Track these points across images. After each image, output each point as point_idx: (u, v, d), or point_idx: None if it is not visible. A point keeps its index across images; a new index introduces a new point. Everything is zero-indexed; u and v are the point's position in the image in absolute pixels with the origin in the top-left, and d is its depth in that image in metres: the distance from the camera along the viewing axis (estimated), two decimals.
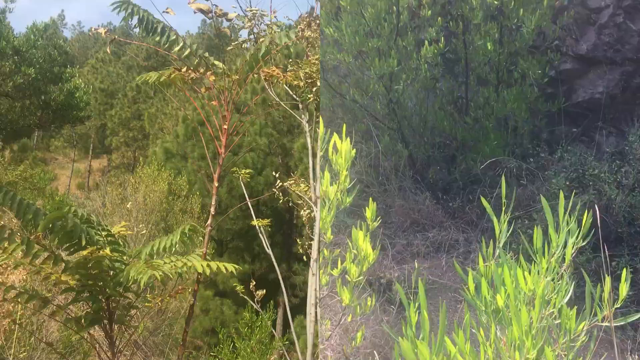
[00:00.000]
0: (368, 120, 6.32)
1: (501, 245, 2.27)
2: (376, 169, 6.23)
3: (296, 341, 6.14)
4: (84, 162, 36.66)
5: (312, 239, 6.03)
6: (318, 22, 5.61)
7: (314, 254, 5.96)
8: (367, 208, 3.19)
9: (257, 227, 6.38)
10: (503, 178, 2.53)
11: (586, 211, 2.20)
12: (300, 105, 6.34)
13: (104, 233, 3.55)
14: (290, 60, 6.89)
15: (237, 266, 3.59)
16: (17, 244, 3.30)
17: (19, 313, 6.78)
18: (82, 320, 3.53)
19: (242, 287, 6.68)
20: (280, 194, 6.54)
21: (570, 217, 2.13)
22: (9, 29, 19.24)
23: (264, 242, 6.30)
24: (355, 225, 3.11)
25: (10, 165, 21.70)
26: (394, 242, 5.77)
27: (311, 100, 6.15)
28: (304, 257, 6.28)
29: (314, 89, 6.01)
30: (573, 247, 2.15)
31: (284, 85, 6.10)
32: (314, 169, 6.17)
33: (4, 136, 21.84)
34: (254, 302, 6.60)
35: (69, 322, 3.59)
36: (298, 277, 16.92)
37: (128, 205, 13.68)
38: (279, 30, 4.76)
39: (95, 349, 3.76)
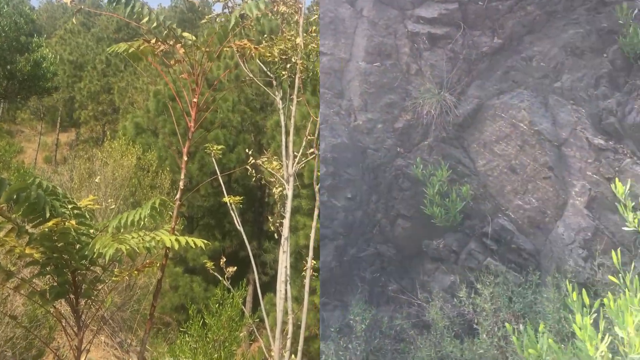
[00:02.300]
0: None
1: None
2: None
3: (266, 318, 6.17)
4: (51, 135, 35.75)
5: (283, 217, 6.03)
6: None
7: (284, 231, 5.97)
8: None
9: (229, 204, 6.35)
10: None
11: None
12: (274, 82, 6.28)
13: (70, 206, 3.48)
14: (265, 35, 6.77)
15: (206, 242, 3.56)
16: None
17: None
18: (47, 294, 3.47)
19: (212, 263, 6.66)
20: (253, 171, 6.52)
21: None
22: None
23: (235, 219, 6.29)
24: None
25: None
26: None
27: (285, 77, 6.09)
28: (275, 235, 6.29)
29: (289, 66, 5.96)
30: None
31: (258, 61, 6.02)
32: (286, 147, 6.14)
33: None
34: (224, 279, 6.60)
35: (33, 295, 3.53)
36: (268, 254, 16.95)
37: (97, 180, 13.45)
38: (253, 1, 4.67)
39: (61, 323, 3.71)
